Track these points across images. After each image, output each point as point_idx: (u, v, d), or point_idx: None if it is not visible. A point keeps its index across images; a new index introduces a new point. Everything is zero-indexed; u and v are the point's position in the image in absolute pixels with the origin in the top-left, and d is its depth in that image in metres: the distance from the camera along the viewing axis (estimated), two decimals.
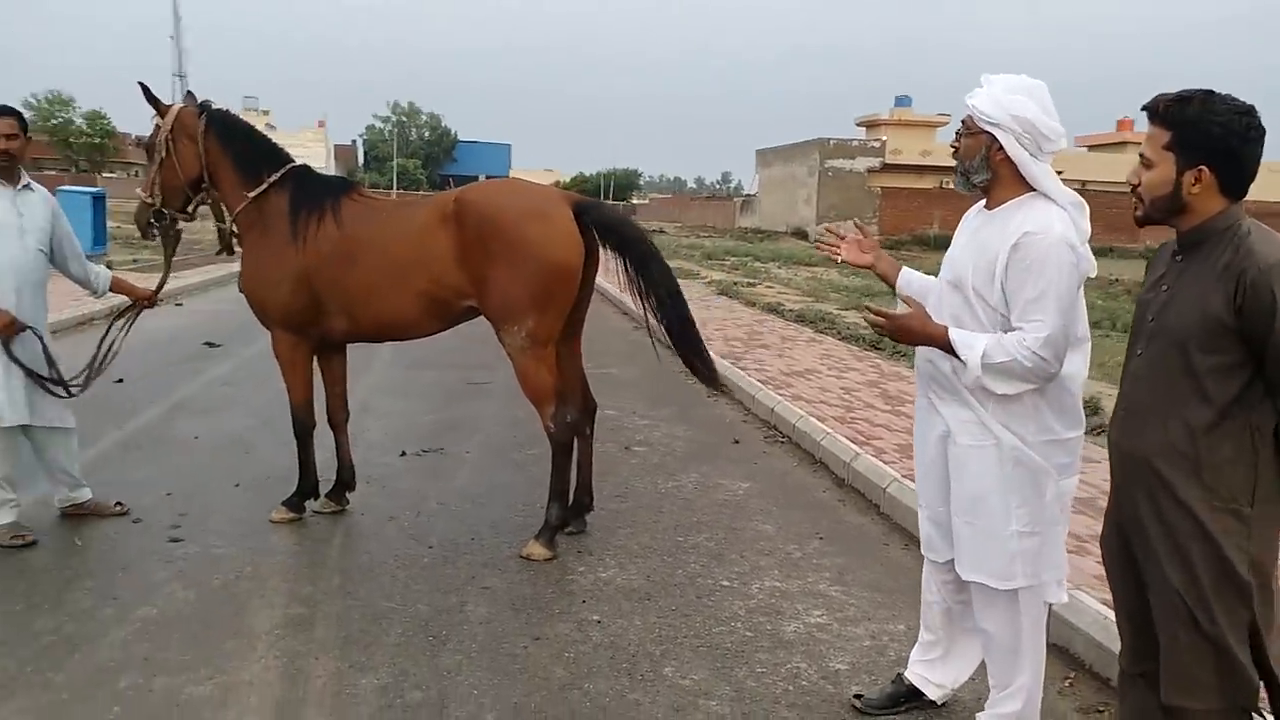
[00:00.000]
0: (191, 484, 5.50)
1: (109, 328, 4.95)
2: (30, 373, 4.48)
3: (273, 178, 4.64)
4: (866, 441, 6.29)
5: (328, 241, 4.51)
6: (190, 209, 4.85)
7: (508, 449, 6.48)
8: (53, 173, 56.80)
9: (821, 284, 19.66)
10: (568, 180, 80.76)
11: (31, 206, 4.56)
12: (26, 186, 4.57)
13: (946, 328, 2.68)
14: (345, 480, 5.12)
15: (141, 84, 4.72)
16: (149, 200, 4.71)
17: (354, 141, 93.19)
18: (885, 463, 5.77)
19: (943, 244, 41.74)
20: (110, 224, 19.36)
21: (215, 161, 4.66)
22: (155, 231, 4.81)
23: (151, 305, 5.04)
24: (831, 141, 43.04)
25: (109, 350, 4.89)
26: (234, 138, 4.68)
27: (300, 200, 4.59)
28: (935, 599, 3.13)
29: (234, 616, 3.82)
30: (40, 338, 4.55)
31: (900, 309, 2.86)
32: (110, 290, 4.95)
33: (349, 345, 5.06)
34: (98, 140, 63.67)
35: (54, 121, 64.43)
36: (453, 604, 4.00)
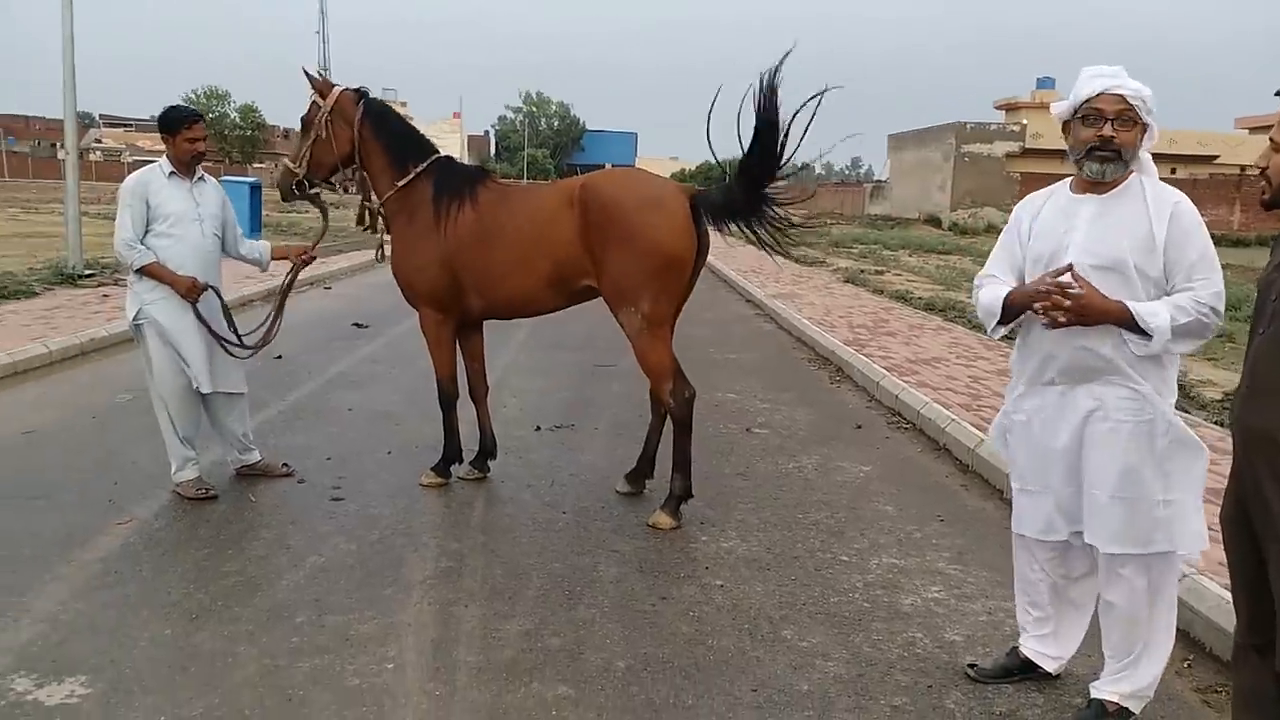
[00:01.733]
0: (348, 450, 5.99)
1: (282, 289, 5.45)
2: (214, 333, 5.01)
3: (419, 168, 5.01)
4: None
5: (466, 227, 4.86)
6: (334, 180, 5.26)
7: (633, 426, 6.73)
8: (208, 164, 60.69)
9: (953, 272, 19.28)
10: (693, 168, 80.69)
11: (206, 196, 5.07)
12: (201, 179, 5.09)
13: (1120, 302, 2.77)
14: (487, 449, 5.50)
15: (305, 69, 5.21)
16: (296, 170, 5.13)
17: (486, 132, 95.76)
18: None
19: None
20: (264, 211, 20.68)
21: (367, 147, 5.04)
22: (296, 197, 5.22)
23: (311, 260, 5.41)
24: (969, 125, 41.84)
25: (280, 307, 5.37)
26: (386, 127, 5.06)
27: (443, 189, 4.95)
28: (1040, 576, 3.23)
29: (391, 566, 4.24)
30: (220, 297, 5.08)
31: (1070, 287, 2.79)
32: (272, 259, 5.41)
33: (486, 323, 5.43)
34: (250, 132, 67.53)
35: (211, 115, 68.71)
36: (586, 564, 4.32)
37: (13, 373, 7.70)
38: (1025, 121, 42.98)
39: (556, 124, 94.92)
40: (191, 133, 4.93)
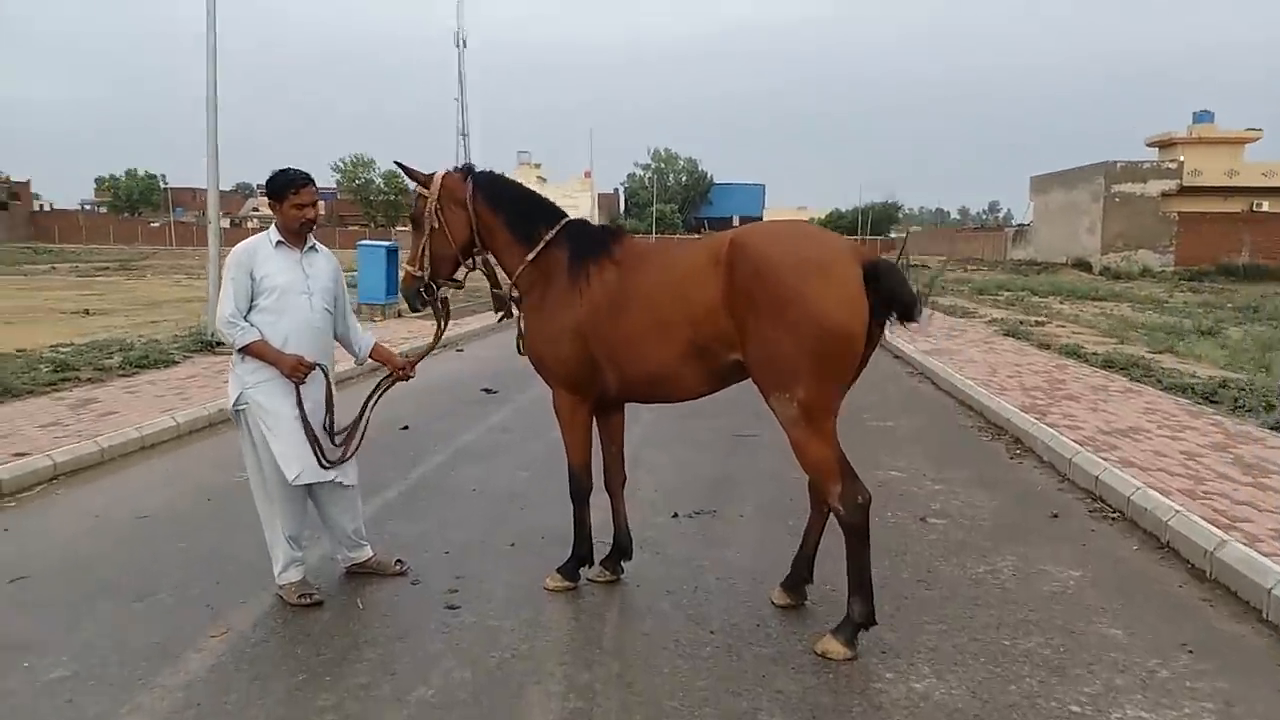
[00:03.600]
0: (468, 540, 5.40)
1: (368, 399, 4.83)
2: (309, 434, 4.47)
3: (549, 235, 4.44)
4: (1232, 525, 5.13)
5: (600, 291, 4.26)
6: (460, 276, 4.73)
7: (784, 513, 5.93)
8: (355, 227, 63.44)
9: (1117, 321, 17.66)
10: (822, 217, 79.56)
11: (318, 268, 4.60)
12: (312, 248, 4.62)
13: None
14: (622, 547, 4.80)
15: (398, 163, 4.67)
16: (417, 273, 4.60)
17: (616, 189, 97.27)
18: (1264, 554, 4.64)
19: (1254, 273, 37.10)
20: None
21: (487, 225, 4.52)
22: (422, 304, 4.69)
23: (407, 378, 4.89)
24: (1119, 164, 39.44)
25: (365, 421, 4.75)
26: (504, 198, 4.53)
27: (576, 254, 4.37)
28: None
29: (511, 702, 3.51)
30: (328, 379, 4.56)
31: None
32: (370, 358, 4.91)
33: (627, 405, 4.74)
34: (392, 197, 70.51)
35: (357, 182, 72.25)
36: (743, 709, 3.48)
37: (140, 448, 7.49)
38: (1182, 158, 40.21)
39: (685, 178, 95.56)
40: (299, 198, 4.47)
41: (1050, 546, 5.38)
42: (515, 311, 4.65)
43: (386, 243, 18.65)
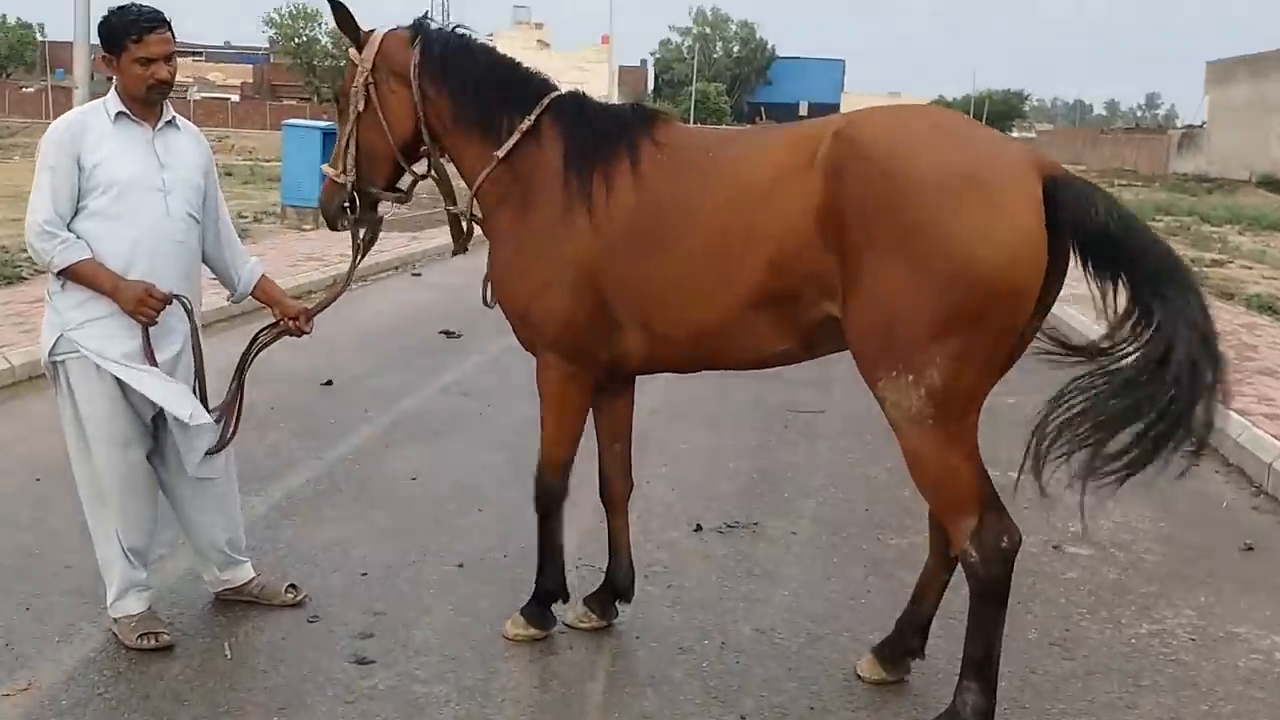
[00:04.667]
0: (397, 555, 5.07)
1: (243, 358, 4.45)
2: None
3: (526, 121, 3.98)
4: None
5: (622, 211, 3.79)
6: (404, 185, 4.36)
7: (857, 532, 5.56)
8: (293, 102, 63.05)
9: None
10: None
11: (178, 153, 4.16)
12: (170, 123, 4.17)
13: None
14: (618, 584, 4.41)
15: (333, 3, 4.22)
16: (339, 178, 4.21)
17: (643, 62, 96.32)
18: None
19: None
20: None
21: (437, 109, 4.10)
22: (348, 223, 4.32)
23: (299, 333, 4.51)
24: None
25: (241, 392, 4.39)
26: (461, 70, 4.09)
27: (576, 151, 3.92)
28: None
29: None
30: (192, 319, 4.16)
31: None
32: (253, 296, 4.53)
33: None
34: (343, 62, 70.14)
35: (296, 41, 71.57)
36: None
37: None
38: None
39: (737, 49, 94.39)
40: (145, 47, 3.97)
41: (1246, 596, 4.99)
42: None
43: (323, 122, 18.21)
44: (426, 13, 4.37)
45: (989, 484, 3.51)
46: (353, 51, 4.20)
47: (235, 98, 72.75)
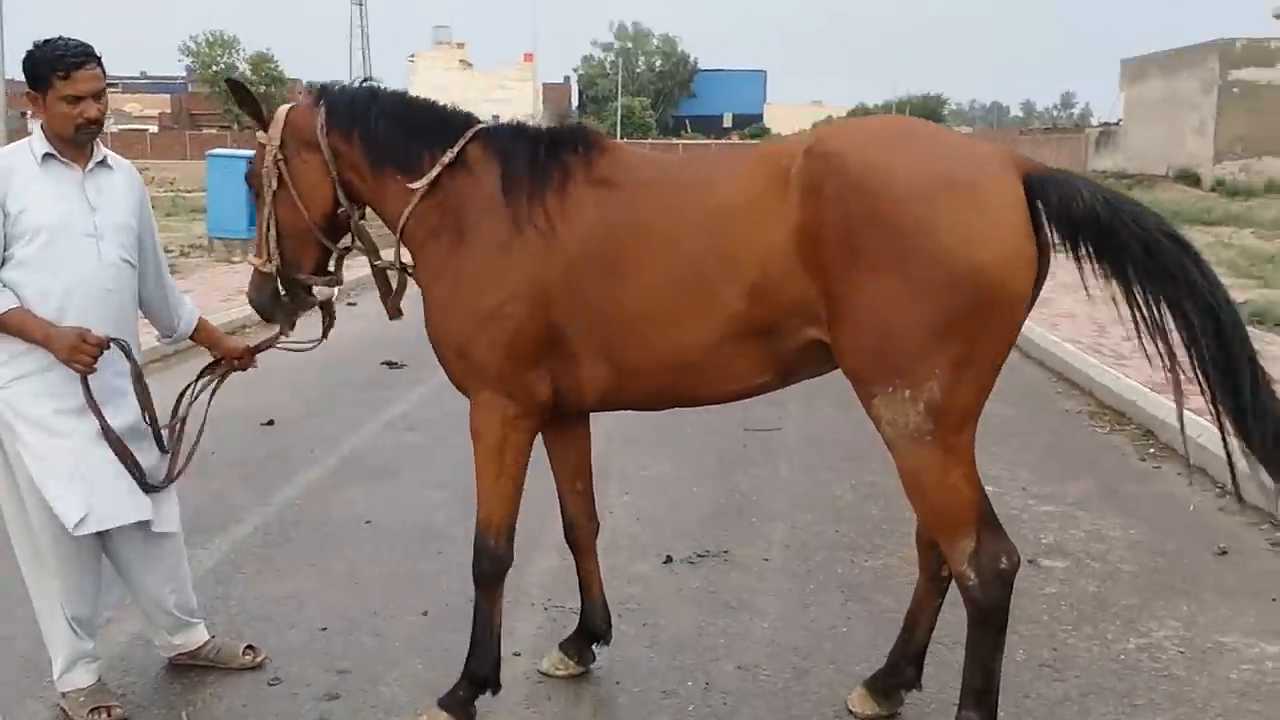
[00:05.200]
0: (358, 606, 4.83)
1: (183, 391, 4.22)
2: (116, 447, 3.79)
3: (449, 154, 3.76)
4: None
5: (574, 234, 3.57)
6: (332, 266, 4.08)
7: (829, 556, 5.43)
8: (212, 131, 61.96)
9: (1245, 254, 17.33)
10: (842, 116, 79.15)
11: (111, 194, 3.91)
12: (102, 164, 3.92)
13: None
14: (593, 627, 4.22)
15: (229, 80, 4.07)
16: (265, 268, 3.97)
17: (566, 79, 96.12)
18: None
19: None
20: None
21: (351, 162, 3.87)
22: (285, 314, 4.08)
23: (244, 367, 4.33)
24: (1239, 43, 39.29)
25: (180, 423, 4.16)
26: (375, 112, 3.86)
27: (517, 172, 3.70)
28: None
29: None
30: (133, 361, 3.88)
31: None
32: (192, 339, 4.35)
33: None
34: (264, 88, 69.04)
35: (215, 69, 70.33)
36: None
37: None
38: None
39: (659, 63, 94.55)
40: (74, 84, 3.70)
41: (1227, 603, 4.91)
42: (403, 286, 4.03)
43: (248, 151, 17.80)
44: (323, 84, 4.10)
45: (987, 501, 3.39)
46: (259, 134, 3.95)
47: (154, 128, 71.29)
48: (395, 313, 4.06)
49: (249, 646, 4.31)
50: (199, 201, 21.72)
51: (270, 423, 7.72)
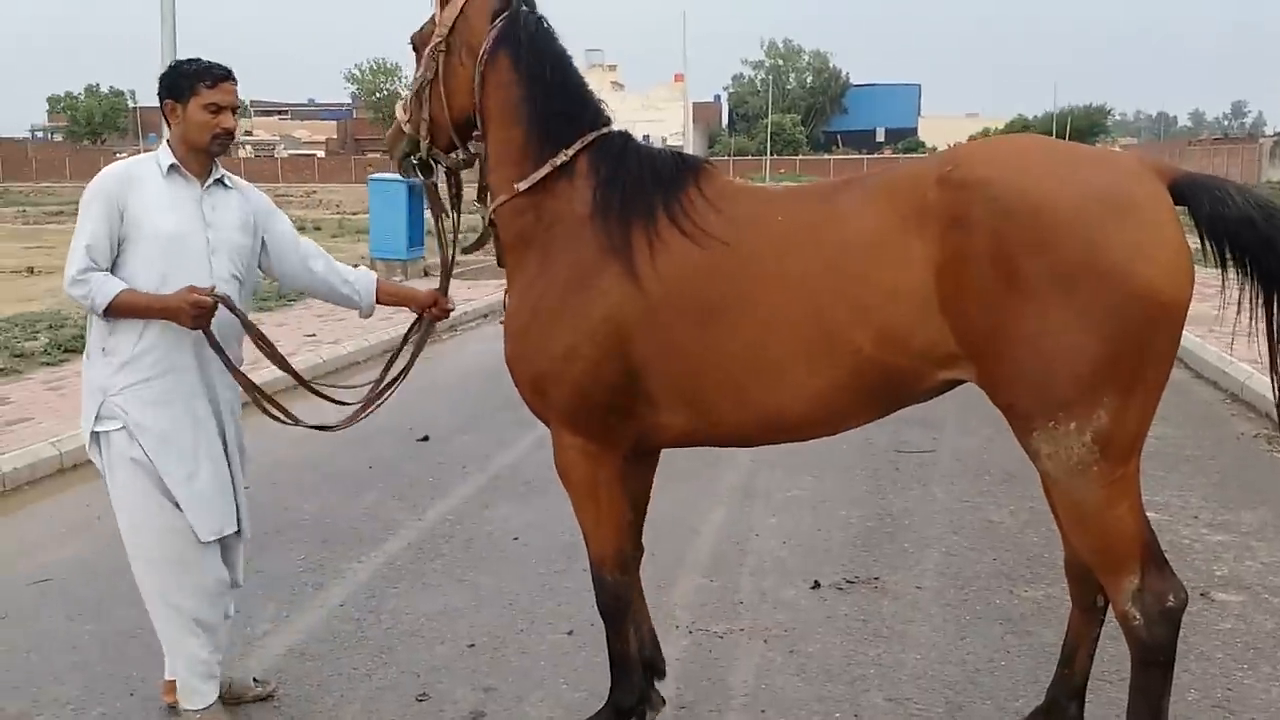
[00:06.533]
0: (505, 626, 4.83)
1: (393, 355, 4.30)
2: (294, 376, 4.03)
3: (562, 156, 3.58)
4: None
5: (669, 271, 3.36)
6: (464, 156, 3.93)
7: (986, 585, 5.21)
8: (376, 155, 63.85)
9: None
10: (1000, 128, 77.23)
11: (226, 212, 3.96)
12: (220, 182, 3.98)
13: None
14: (649, 661, 3.99)
15: None
16: (408, 128, 3.87)
17: (716, 97, 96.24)
18: None
19: None
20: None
21: (491, 104, 3.69)
22: (417, 172, 3.98)
23: (442, 314, 4.31)
24: None
25: (393, 381, 4.25)
26: (531, 70, 3.65)
27: (614, 196, 3.51)
28: None
29: None
30: (240, 314, 3.93)
31: None
32: (378, 303, 4.35)
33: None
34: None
35: (378, 95, 72.55)
36: None
37: (57, 470, 7.16)
38: None
39: (810, 79, 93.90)
40: (217, 94, 3.79)
41: None
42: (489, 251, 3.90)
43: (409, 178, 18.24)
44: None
45: (1152, 535, 3.19)
46: (435, 5, 3.79)
47: (321, 153, 74.19)
48: (479, 245, 3.98)
49: (255, 679, 4.26)
50: (363, 223, 22.36)
51: (425, 438, 7.85)
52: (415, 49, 3.87)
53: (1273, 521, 6.03)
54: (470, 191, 3.97)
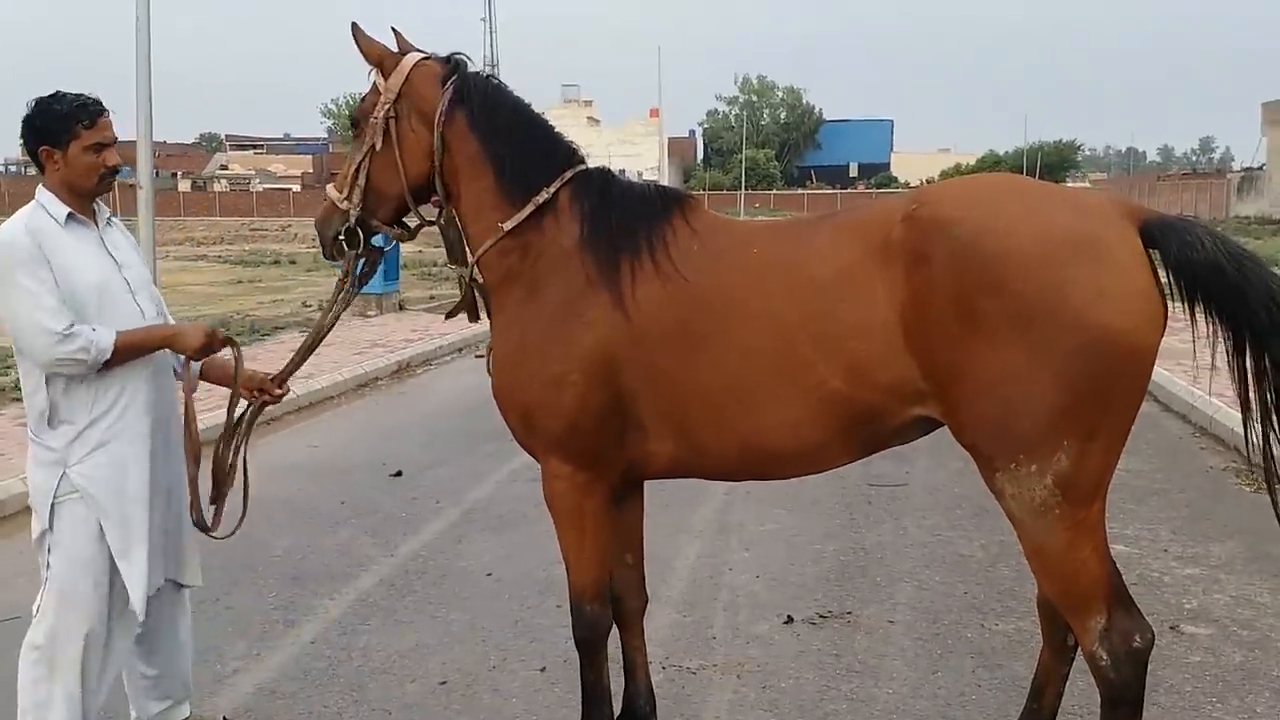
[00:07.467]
0: (478, 663, 4.81)
1: (232, 435, 3.97)
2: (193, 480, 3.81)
3: (544, 194, 3.61)
4: None
5: (653, 301, 3.42)
6: (408, 226, 3.95)
7: (958, 619, 5.22)
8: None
9: None
10: (972, 164, 77.93)
11: (126, 251, 3.85)
12: (108, 221, 3.84)
13: None
14: (636, 711, 3.99)
15: (354, 24, 3.85)
16: (343, 204, 3.80)
17: (691, 133, 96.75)
18: None
19: None
20: (404, 249, 20.54)
21: (459, 162, 3.70)
22: (341, 255, 3.87)
23: (275, 399, 4.11)
24: None
25: (240, 469, 3.99)
26: (493, 125, 3.68)
27: (602, 229, 3.55)
28: None
29: None
30: (236, 353, 3.90)
31: None
32: (200, 379, 3.99)
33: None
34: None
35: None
36: None
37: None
38: None
39: (783, 115, 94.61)
40: (99, 132, 3.61)
41: None
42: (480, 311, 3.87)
43: None
44: (455, 55, 3.84)
45: (1118, 576, 3.21)
46: (377, 75, 3.76)
47: (296, 187, 74.02)
48: (473, 317, 3.90)
49: (225, 717, 4.22)
50: None
51: (399, 474, 7.82)
52: (355, 124, 3.85)
53: (1241, 554, 6.06)
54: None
